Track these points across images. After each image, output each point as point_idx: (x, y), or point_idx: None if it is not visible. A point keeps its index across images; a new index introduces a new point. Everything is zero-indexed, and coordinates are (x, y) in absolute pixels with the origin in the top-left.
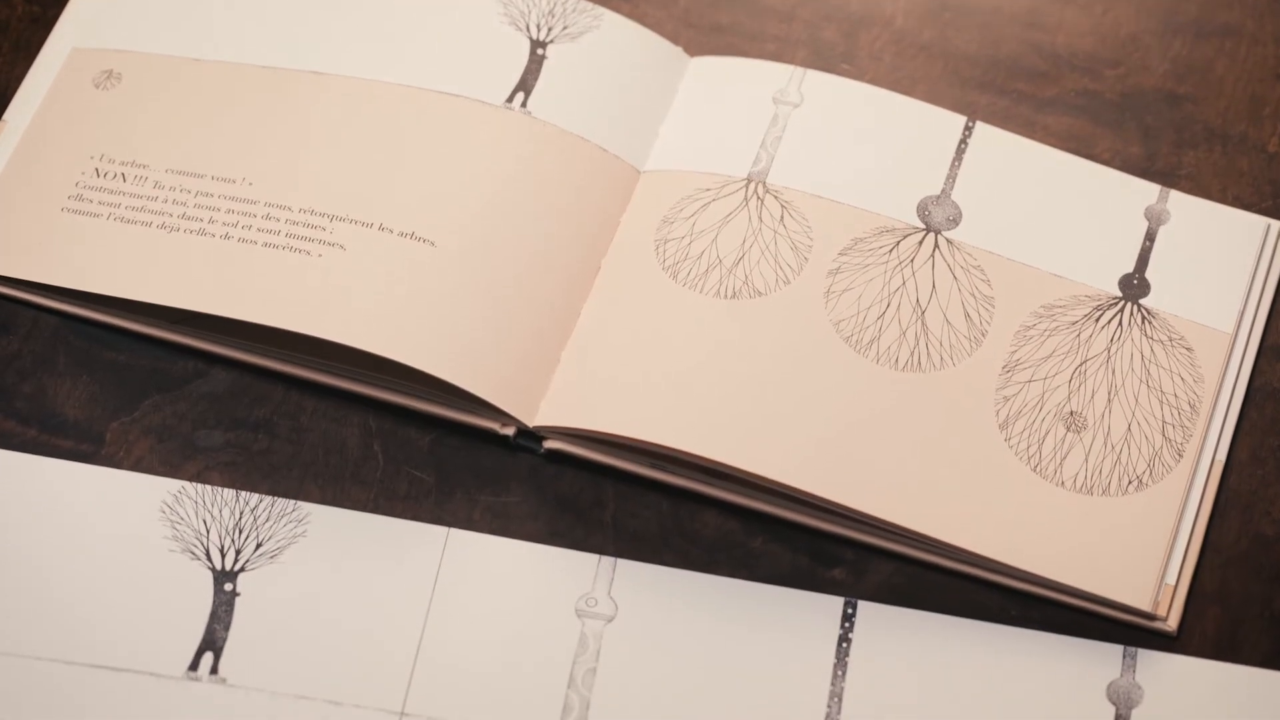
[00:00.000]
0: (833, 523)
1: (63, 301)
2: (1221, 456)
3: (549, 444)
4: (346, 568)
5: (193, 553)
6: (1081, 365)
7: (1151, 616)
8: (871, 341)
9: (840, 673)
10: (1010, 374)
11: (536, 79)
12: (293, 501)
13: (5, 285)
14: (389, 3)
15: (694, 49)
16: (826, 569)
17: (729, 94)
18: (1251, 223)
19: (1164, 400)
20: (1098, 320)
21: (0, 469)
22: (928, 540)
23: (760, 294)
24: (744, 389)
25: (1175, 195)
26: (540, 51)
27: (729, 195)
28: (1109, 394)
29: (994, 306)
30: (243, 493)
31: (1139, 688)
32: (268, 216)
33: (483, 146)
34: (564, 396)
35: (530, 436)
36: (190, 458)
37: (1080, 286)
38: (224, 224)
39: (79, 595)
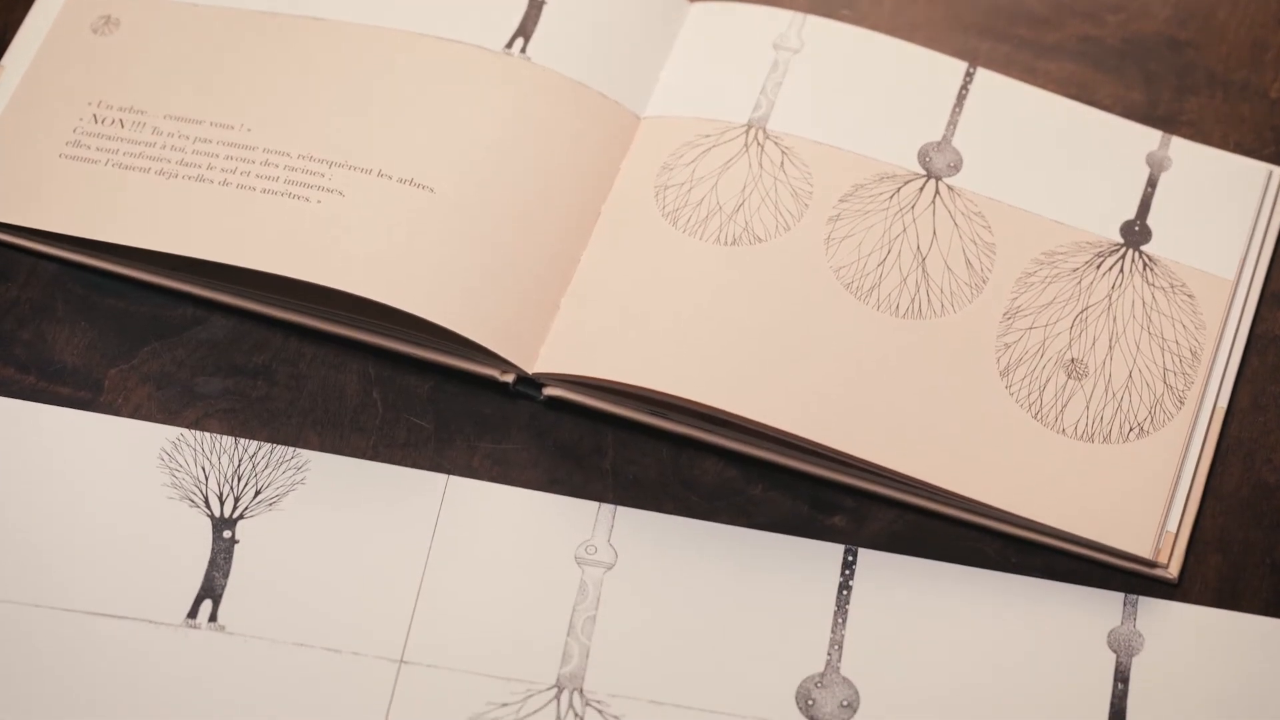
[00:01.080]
0: (833, 470)
1: (61, 248)
2: (1223, 404)
3: (548, 391)
4: (345, 515)
5: (191, 500)
6: (1083, 312)
7: (1152, 564)
8: (872, 288)
9: (840, 620)
10: (1011, 321)
11: (536, 24)
12: (292, 448)
13: (3, 232)
14: None
15: None
16: (827, 516)
17: (729, 39)
18: (1253, 169)
19: (1165, 347)
20: (1099, 267)
21: None
22: (928, 487)
23: (760, 240)
24: (744, 336)
25: (1177, 141)
26: None
27: (729, 141)
28: (1110, 341)
29: (995, 253)
30: (242, 440)
31: (1140, 635)
32: (266, 163)
33: (482, 92)
34: (563, 343)
35: (530, 383)
36: (189, 405)
37: (1081, 233)
38: (222, 170)
39: (77, 542)
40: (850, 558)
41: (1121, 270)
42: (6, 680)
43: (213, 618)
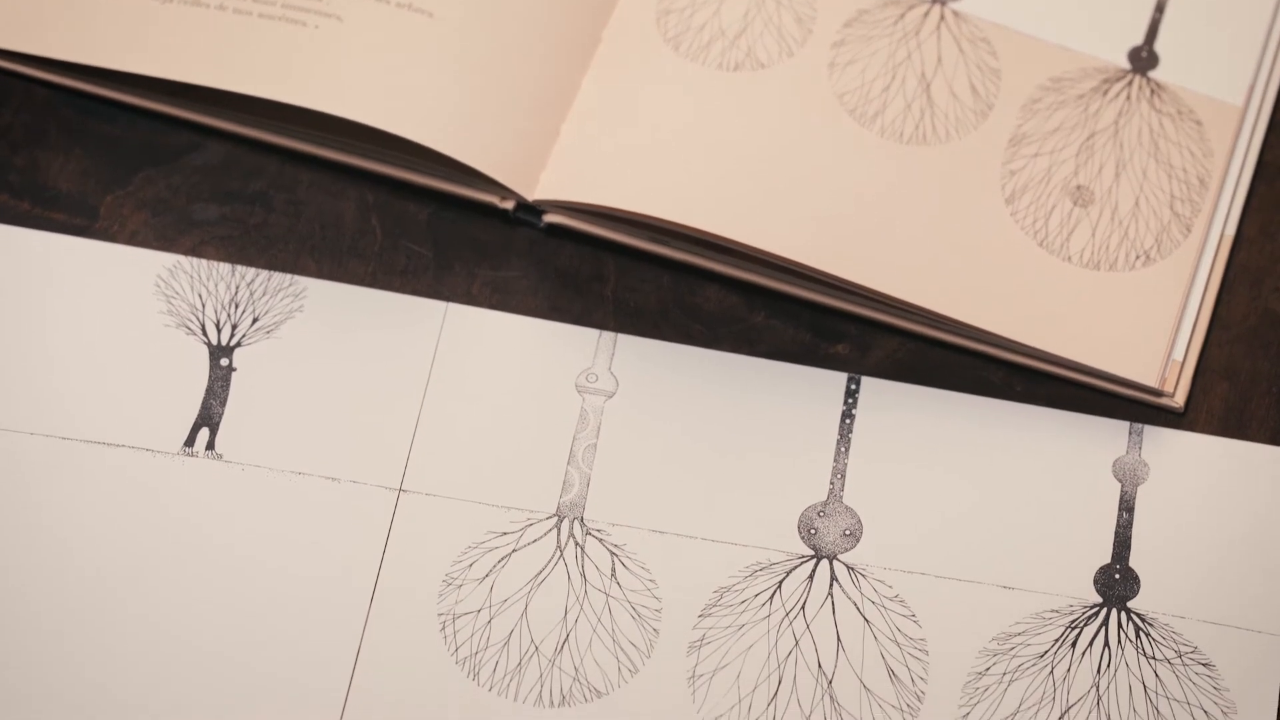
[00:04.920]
0: (836, 298)
1: (53, 73)
2: (1230, 231)
3: (549, 218)
4: (344, 343)
5: (188, 328)
6: (1089, 139)
7: (1158, 393)
8: (876, 114)
9: (844, 449)
10: (1017, 148)
11: None
12: (289, 275)
13: None
14: None
15: None
16: (830, 344)
17: None
18: None
19: (1172, 174)
20: (1106, 93)
21: None
22: (932, 315)
23: (763, 66)
24: (746, 162)
25: None
26: None
27: None
28: (1116, 168)
29: (1000, 79)
30: (239, 266)
31: (1145, 464)
32: None
33: None
34: (564, 170)
35: (530, 210)
36: (185, 231)
37: (1088, 59)
38: None
39: (74, 370)
40: (853, 386)
41: (1128, 96)
42: (3, 509)
43: (210, 446)
